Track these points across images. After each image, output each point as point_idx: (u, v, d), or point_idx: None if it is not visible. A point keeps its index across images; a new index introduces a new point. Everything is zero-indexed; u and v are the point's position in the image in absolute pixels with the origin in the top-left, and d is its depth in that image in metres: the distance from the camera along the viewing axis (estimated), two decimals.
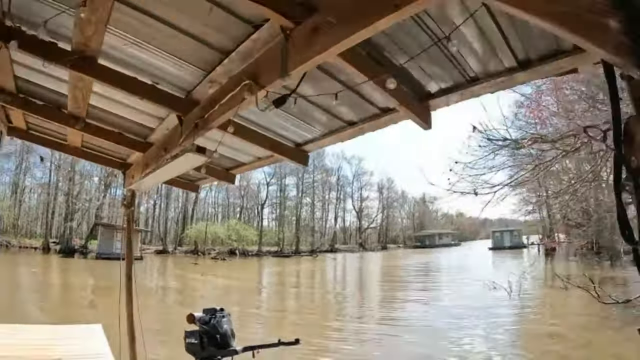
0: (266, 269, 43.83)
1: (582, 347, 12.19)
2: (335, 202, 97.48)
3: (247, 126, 4.06)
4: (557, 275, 20.08)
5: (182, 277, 31.64)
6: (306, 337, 4.23)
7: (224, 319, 3.93)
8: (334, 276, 37.34)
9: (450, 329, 14.22)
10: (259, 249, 72.05)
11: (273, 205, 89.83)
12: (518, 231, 77.00)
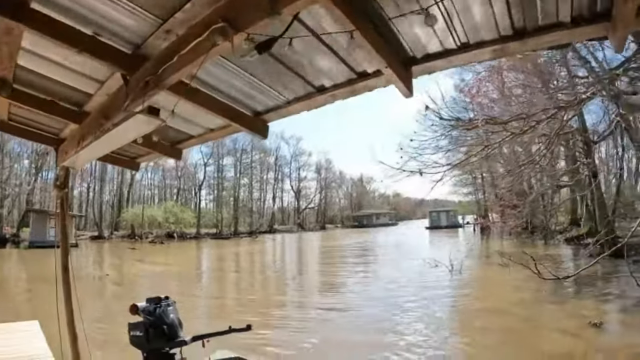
0: (205, 252, 42.78)
1: (525, 321, 12.41)
2: (273, 182, 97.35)
3: (203, 90, 3.50)
4: (500, 253, 20.54)
5: (120, 264, 30.25)
6: (248, 321, 3.92)
7: (170, 308, 3.64)
8: (274, 258, 36.95)
9: (393, 308, 14.12)
10: (197, 232, 70.79)
11: (211, 186, 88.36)
12: (454, 211, 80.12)
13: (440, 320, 12.93)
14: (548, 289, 15.71)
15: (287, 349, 9.82)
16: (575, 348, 9.96)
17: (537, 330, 11.63)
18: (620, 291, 15.20)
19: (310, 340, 10.42)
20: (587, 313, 12.57)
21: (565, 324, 11.86)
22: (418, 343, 10.37)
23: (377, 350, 9.62)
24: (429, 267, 22.88)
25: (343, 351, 9.75)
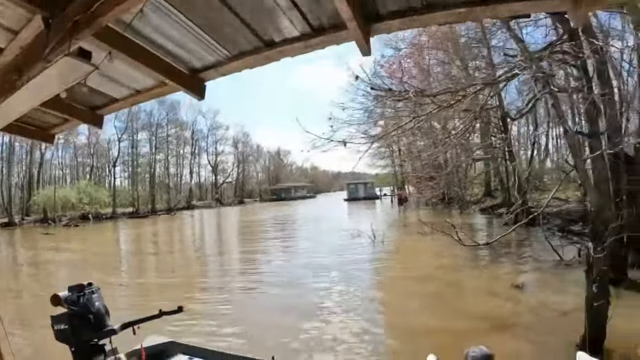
0: (123, 233, 40.51)
1: (450, 286, 12.83)
2: (190, 157, 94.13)
3: (136, 41, 3.01)
4: (421, 222, 20.90)
5: (35, 253, 27.91)
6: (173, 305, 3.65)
7: (95, 295, 3.31)
8: (194, 236, 35.82)
9: (317, 279, 14.15)
10: (113, 211, 67.19)
11: (125, 163, 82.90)
12: (371, 183, 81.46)
13: (367, 290, 13.06)
14: (468, 256, 16.30)
15: (215, 333, 9.37)
16: (502, 308, 10.36)
17: (463, 293, 12.11)
18: (536, 255, 15.97)
19: (237, 323, 9.98)
20: (508, 276, 13.19)
21: (489, 287, 12.33)
22: (345, 314, 10.36)
23: (303, 330, 9.31)
24: (351, 237, 23.08)
25: (270, 331, 9.37)
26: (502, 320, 9.48)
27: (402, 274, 14.88)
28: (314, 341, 8.55)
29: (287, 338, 8.62)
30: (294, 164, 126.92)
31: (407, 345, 8.23)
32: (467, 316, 9.73)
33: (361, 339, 8.70)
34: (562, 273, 12.97)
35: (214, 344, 6.41)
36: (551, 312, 9.68)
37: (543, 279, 12.64)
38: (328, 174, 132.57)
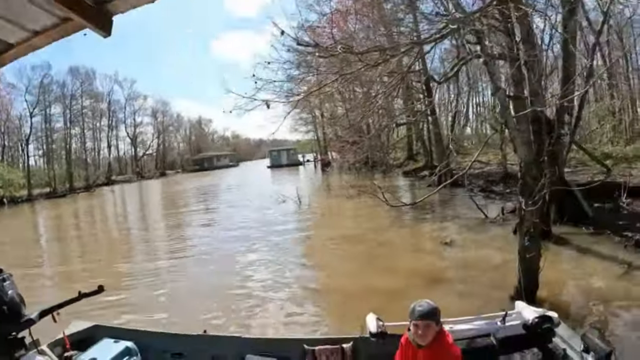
0: (42, 215, 37.20)
1: (382, 245, 12.96)
2: (107, 130, 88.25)
3: None
4: (348, 184, 20.99)
5: None
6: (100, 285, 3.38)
7: (6, 283, 3.00)
8: (116, 212, 34.00)
9: (245, 249, 13.81)
10: (29, 193, 62.00)
11: (39, 140, 75.53)
12: (294, 150, 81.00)
13: (298, 256, 12.94)
14: (396, 216, 16.61)
15: (144, 310, 8.88)
16: (434, 265, 10.67)
17: (395, 252, 12.23)
18: (461, 214, 16.55)
19: (164, 298, 9.63)
20: (437, 234, 13.64)
21: (420, 245, 12.70)
22: (278, 283, 10.16)
23: (235, 297, 9.18)
24: (277, 204, 22.90)
25: (202, 307, 8.80)
26: (435, 276, 9.68)
27: (332, 236, 14.84)
28: (248, 314, 8.29)
29: (220, 312, 8.33)
30: (216, 133, 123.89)
31: (345, 307, 8.19)
32: (401, 274, 9.88)
33: (298, 306, 8.59)
34: (488, 230, 13.59)
35: (143, 325, 6.16)
36: (482, 266, 10.02)
37: (470, 236, 13.08)
38: (250, 142, 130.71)
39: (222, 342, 4.60)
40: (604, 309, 7.15)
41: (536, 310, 4.25)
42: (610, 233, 11.18)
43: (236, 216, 21.66)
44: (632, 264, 8.99)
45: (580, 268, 9.34)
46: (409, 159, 39.05)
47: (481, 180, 21.57)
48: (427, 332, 3.09)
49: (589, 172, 16.39)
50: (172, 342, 4.60)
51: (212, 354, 4.48)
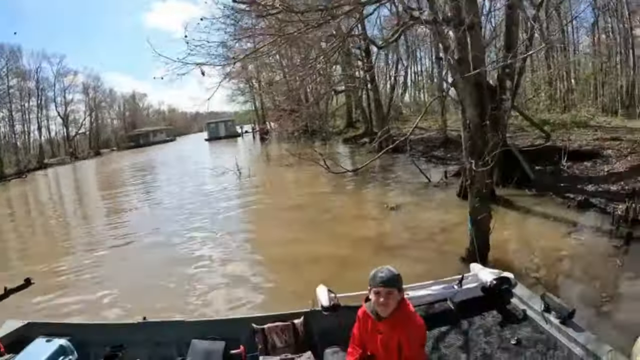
0: None
1: (327, 212, 12.68)
2: (37, 110, 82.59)
3: None
4: (290, 153, 20.38)
5: None
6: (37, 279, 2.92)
7: None
8: (51, 197, 31.49)
9: (187, 225, 13.02)
10: None
11: None
12: (232, 121, 79.64)
13: (242, 228, 12.39)
14: (338, 183, 16.37)
15: (83, 301, 7.94)
16: (382, 230, 10.50)
17: (341, 219, 11.96)
18: (404, 179, 16.45)
19: (104, 286, 8.58)
20: (382, 199, 13.42)
21: (365, 211, 12.48)
22: (224, 258, 9.63)
23: (178, 279, 8.51)
24: (217, 176, 22.19)
25: (146, 290, 8.04)
26: (384, 241, 9.50)
27: (276, 206, 14.42)
28: (192, 295, 7.69)
29: (163, 296, 7.65)
30: (151, 107, 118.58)
31: (294, 279, 7.76)
32: (349, 241, 9.60)
33: (245, 282, 8.09)
34: (432, 194, 13.56)
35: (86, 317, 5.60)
36: (429, 230, 9.91)
37: (415, 200, 12.97)
38: (187, 116, 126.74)
39: (164, 329, 4.24)
40: (555, 269, 7.18)
41: (492, 272, 4.24)
42: (553, 195, 11.38)
43: (175, 192, 20.47)
44: (576, 224, 9.18)
45: (528, 229, 9.44)
46: (349, 126, 38.98)
47: (421, 146, 21.62)
48: (389, 300, 2.80)
49: (528, 138, 16.69)
50: (111, 333, 4.24)
51: (154, 342, 4.13)
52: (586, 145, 14.20)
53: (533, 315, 3.81)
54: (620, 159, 12.37)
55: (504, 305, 4.09)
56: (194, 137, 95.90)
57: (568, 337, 3.37)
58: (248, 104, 64.99)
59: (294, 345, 4.10)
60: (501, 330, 3.77)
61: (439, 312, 4.11)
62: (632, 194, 9.76)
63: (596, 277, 6.71)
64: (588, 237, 8.50)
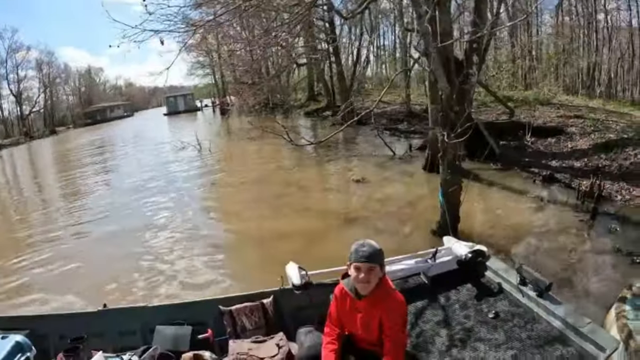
0: None
1: (292, 186, 12.34)
2: None
3: None
4: (252, 125, 19.76)
5: None
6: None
7: None
8: (6, 180, 29.87)
9: (148, 205, 12.30)
10: None
11: None
12: (191, 95, 77.89)
13: (205, 205, 11.90)
14: (302, 156, 16.17)
15: (41, 290, 7.25)
16: (349, 203, 10.28)
17: (306, 193, 11.68)
18: (368, 152, 16.22)
19: (62, 273, 7.91)
20: (347, 172, 13.24)
21: (331, 183, 12.26)
22: (181, 234, 9.20)
23: (138, 262, 7.91)
24: (177, 151, 21.43)
25: (108, 275, 7.30)
26: (351, 215, 9.27)
27: (239, 180, 13.91)
28: (155, 279, 7.13)
29: (123, 281, 7.09)
30: (108, 82, 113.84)
31: (261, 255, 7.47)
32: (315, 215, 9.40)
33: (209, 262, 7.62)
34: (397, 166, 13.44)
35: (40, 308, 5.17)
36: (397, 203, 9.78)
37: (381, 173, 12.82)
38: (144, 90, 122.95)
39: (126, 316, 3.94)
40: (525, 242, 7.16)
41: (467, 245, 4.17)
42: (518, 169, 11.48)
43: (135, 170, 19.41)
44: (543, 198, 9.23)
45: (495, 202, 9.42)
46: (310, 99, 38.48)
47: (384, 119, 21.43)
48: (370, 277, 2.63)
49: (492, 113, 16.78)
50: (71, 323, 3.88)
51: (117, 331, 3.86)
52: (550, 122, 14.34)
53: (509, 289, 3.77)
54: (584, 136, 12.50)
55: (478, 278, 4.04)
56: (153, 112, 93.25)
57: (546, 310, 3.35)
58: (208, 77, 63.63)
59: (265, 327, 3.90)
60: (478, 304, 3.72)
61: (413, 286, 4.04)
62: (596, 171, 9.90)
63: (566, 250, 6.76)
64: (555, 211, 8.55)
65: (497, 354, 3.09)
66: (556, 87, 22.23)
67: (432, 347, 3.26)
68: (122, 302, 5.31)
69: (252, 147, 20.10)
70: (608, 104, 18.71)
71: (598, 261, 6.31)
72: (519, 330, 3.32)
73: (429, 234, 7.44)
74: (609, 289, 5.38)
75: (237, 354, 3.42)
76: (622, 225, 7.48)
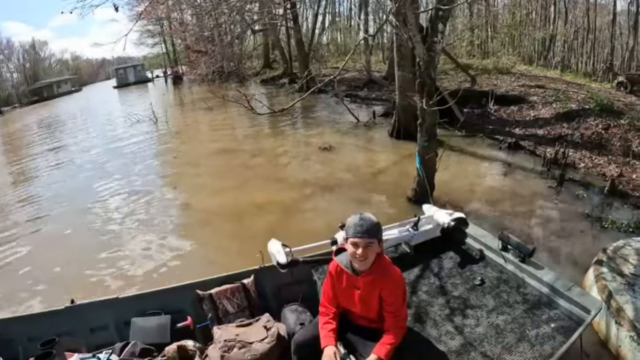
0: None
1: (258, 155, 12.01)
2: None
3: None
4: (217, 95, 19.06)
5: None
6: None
7: None
8: None
9: (103, 184, 11.23)
10: None
11: None
12: (141, 66, 75.32)
13: (165, 178, 11.18)
14: (262, 125, 15.82)
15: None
16: (319, 171, 10.04)
17: (274, 162, 11.42)
18: (330, 120, 16.08)
19: (14, 272, 6.90)
20: (313, 140, 13.07)
21: (298, 152, 11.95)
22: (146, 216, 8.47)
23: (100, 251, 7.04)
24: (131, 124, 20.39)
25: (67, 270, 6.57)
26: (323, 184, 9.09)
27: (199, 152, 13.35)
28: (121, 269, 6.45)
29: (91, 271, 6.39)
30: (53, 57, 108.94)
31: (235, 232, 7.10)
32: (288, 185, 9.17)
33: (178, 242, 7.12)
34: (363, 134, 13.36)
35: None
36: (368, 170, 9.76)
37: (348, 140, 12.71)
38: (92, 63, 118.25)
39: (97, 310, 3.62)
40: (498, 207, 7.29)
41: (447, 212, 4.18)
42: (483, 136, 11.65)
43: (87, 148, 17.55)
44: (510, 164, 9.45)
45: (465, 168, 9.49)
46: (266, 67, 37.81)
47: (344, 86, 21.24)
48: (368, 252, 2.51)
49: (453, 81, 16.84)
50: (38, 325, 3.52)
51: (88, 328, 3.60)
52: (512, 90, 14.56)
53: (491, 255, 3.86)
54: (546, 105, 12.75)
55: (459, 245, 4.13)
56: (102, 85, 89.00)
57: (529, 275, 3.47)
58: (158, 46, 61.54)
59: (248, 308, 3.73)
60: (462, 271, 3.79)
61: (397, 256, 4.07)
62: (559, 139, 10.29)
63: (539, 215, 6.95)
64: (523, 177, 8.73)
65: (489, 319, 3.15)
66: (515, 57, 22.63)
67: (426, 317, 3.28)
68: (91, 297, 4.65)
69: (210, 117, 19.50)
70: (565, 75, 19.17)
71: (570, 226, 6.46)
72: (506, 295, 3.41)
73: (404, 201, 7.43)
74: (583, 252, 5.59)
75: (225, 342, 3.20)
76: (587, 191, 7.74)
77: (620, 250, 4.86)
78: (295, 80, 26.58)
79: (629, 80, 15.02)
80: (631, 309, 3.82)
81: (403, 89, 11.78)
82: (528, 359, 2.76)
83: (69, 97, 75.25)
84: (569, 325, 2.99)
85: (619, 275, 4.36)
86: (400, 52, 11.75)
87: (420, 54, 7.23)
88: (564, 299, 3.16)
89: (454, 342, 2.98)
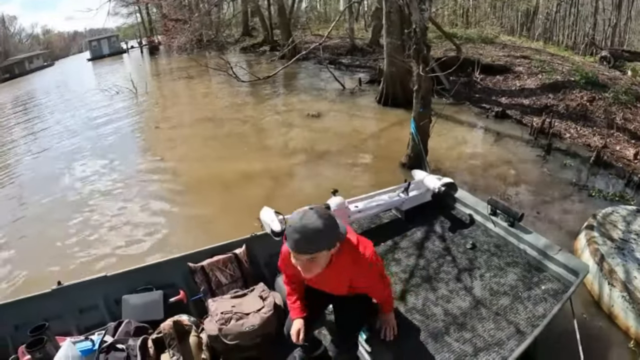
0: None
1: (245, 124, 11.80)
2: None
3: None
4: (200, 63, 18.51)
5: None
6: None
7: None
8: None
9: (86, 161, 10.42)
10: None
11: None
12: (116, 37, 73.36)
13: (151, 150, 10.64)
14: (247, 93, 15.58)
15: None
16: (309, 139, 9.91)
17: (261, 130, 11.28)
18: (315, 86, 15.90)
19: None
20: (299, 107, 12.89)
21: (285, 119, 11.76)
22: (131, 191, 8.00)
23: (85, 231, 6.59)
24: (109, 97, 19.70)
25: (53, 252, 5.95)
26: (314, 150, 9.04)
27: (184, 121, 12.95)
28: (111, 243, 6.15)
29: (77, 251, 6.04)
30: (23, 32, 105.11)
31: (230, 201, 6.95)
32: (278, 153, 9.07)
33: (170, 213, 6.88)
34: (350, 100, 13.27)
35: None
36: (359, 136, 9.74)
37: (335, 107, 12.63)
38: (64, 36, 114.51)
39: (85, 289, 3.44)
40: (489, 174, 7.43)
41: (436, 177, 4.23)
42: (469, 104, 11.72)
43: (66, 125, 16.03)
44: (499, 133, 9.53)
45: (454, 136, 9.55)
46: (245, 35, 37.13)
47: (327, 53, 21.02)
48: (312, 266, 2.02)
49: (438, 49, 16.72)
50: (24, 310, 3.30)
51: (79, 309, 3.40)
52: (498, 60, 14.55)
53: (480, 220, 3.97)
54: (532, 76, 12.84)
55: (449, 210, 4.22)
56: (75, 59, 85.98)
57: (518, 239, 3.60)
58: (133, 16, 59.72)
59: (242, 279, 3.64)
60: (453, 236, 3.89)
61: (388, 222, 4.18)
62: (545, 109, 10.48)
63: (527, 182, 7.09)
64: (512, 145, 8.84)
65: (483, 282, 3.28)
66: (498, 27, 22.66)
67: (420, 280, 3.36)
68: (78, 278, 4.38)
69: (191, 86, 19.02)
70: (548, 47, 19.29)
71: (558, 194, 6.64)
72: (497, 259, 3.52)
73: (398, 167, 7.47)
74: (572, 218, 5.77)
75: (222, 314, 3.08)
76: (574, 160, 7.94)
77: (609, 216, 5.04)
78: (277, 47, 26.24)
79: (612, 55, 15.31)
80: (622, 271, 4.00)
81: (391, 56, 11.73)
82: (523, 319, 2.87)
83: (42, 72, 72.55)
84: (559, 287, 3.12)
85: (609, 239, 4.53)
86: (389, 19, 11.66)
87: (416, 20, 7.18)
88: (552, 262, 3.28)
89: (450, 305, 3.07)
